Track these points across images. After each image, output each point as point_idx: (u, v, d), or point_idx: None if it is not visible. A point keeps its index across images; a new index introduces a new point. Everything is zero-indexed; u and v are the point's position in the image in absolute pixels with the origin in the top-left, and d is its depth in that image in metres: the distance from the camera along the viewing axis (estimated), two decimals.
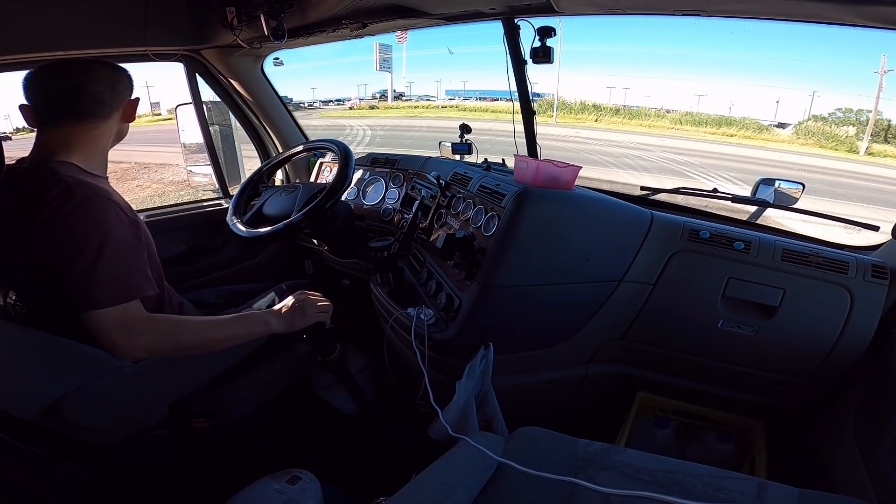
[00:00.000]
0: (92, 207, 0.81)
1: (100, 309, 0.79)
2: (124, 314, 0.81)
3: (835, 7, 0.90)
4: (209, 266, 1.81)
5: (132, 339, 0.81)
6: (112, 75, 0.93)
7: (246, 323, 0.94)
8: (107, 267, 0.80)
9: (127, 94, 0.96)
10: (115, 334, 0.80)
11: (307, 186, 1.41)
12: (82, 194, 0.81)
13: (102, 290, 0.79)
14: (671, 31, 44.70)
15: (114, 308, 0.80)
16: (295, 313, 0.98)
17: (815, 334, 1.02)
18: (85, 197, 0.81)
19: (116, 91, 0.93)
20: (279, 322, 0.96)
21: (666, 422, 1.15)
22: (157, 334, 0.85)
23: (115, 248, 0.81)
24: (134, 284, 0.83)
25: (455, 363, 1.05)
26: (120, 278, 0.81)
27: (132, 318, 0.82)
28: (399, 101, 26.22)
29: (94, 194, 0.82)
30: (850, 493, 0.83)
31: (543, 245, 1.04)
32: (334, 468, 1.12)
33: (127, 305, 0.81)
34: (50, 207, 0.79)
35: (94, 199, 0.82)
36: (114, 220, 0.83)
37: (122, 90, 0.95)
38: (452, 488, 0.71)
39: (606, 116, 20.37)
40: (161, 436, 0.98)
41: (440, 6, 1.27)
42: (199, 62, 1.75)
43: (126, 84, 0.96)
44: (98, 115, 0.91)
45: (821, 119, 18.37)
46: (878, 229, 1.14)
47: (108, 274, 0.80)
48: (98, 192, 0.83)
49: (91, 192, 0.82)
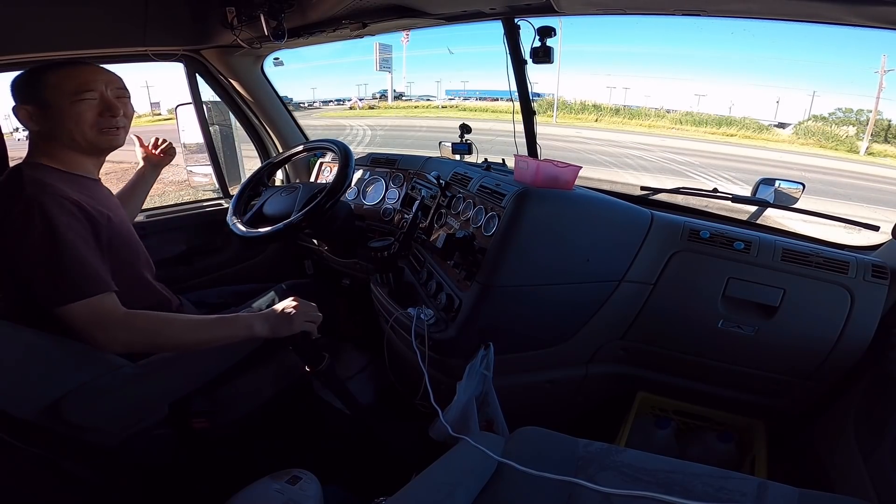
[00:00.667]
0: (40, 205, 0.81)
1: (68, 305, 0.80)
2: (94, 309, 0.82)
3: (835, 7, 0.90)
4: (209, 266, 1.81)
5: (107, 334, 0.83)
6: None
7: (227, 325, 0.93)
8: (60, 264, 0.81)
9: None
10: (88, 329, 0.81)
11: (307, 186, 1.41)
12: (31, 193, 0.82)
13: (61, 288, 0.80)
14: (671, 31, 44.76)
15: (80, 303, 0.81)
16: (282, 320, 0.94)
17: (815, 334, 1.02)
18: (31, 196, 0.82)
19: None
20: (263, 327, 0.93)
21: (666, 422, 1.15)
22: (134, 331, 0.85)
23: (65, 246, 0.82)
24: (93, 280, 0.83)
25: (455, 363, 1.05)
26: (76, 274, 0.82)
27: (105, 314, 0.83)
28: (399, 101, 26.24)
29: (35, 194, 0.83)
30: (850, 493, 0.83)
31: (543, 245, 1.04)
32: (334, 468, 1.12)
33: (93, 300, 0.82)
34: (3, 207, 0.82)
35: (42, 197, 0.82)
36: (63, 218, 0.83)
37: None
38: (452, 488, 0.71)
39: (606, 116, 20.38)
40: (161, 436, 0.98)
41: (440, 6, 1.27)
42: (199, 62, 1.75)
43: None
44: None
45: (821, 119, 18.39)
46: (878, 229, 1.14)
47: (65, 271, 0.81)
48: (46, 191, 0.84)
49: (38, 192, 0.83)
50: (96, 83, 0.93)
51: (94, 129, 0.93)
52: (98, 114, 0.93)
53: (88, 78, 0.92)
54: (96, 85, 0.93)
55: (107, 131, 0.95)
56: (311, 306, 0.98)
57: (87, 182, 0.97)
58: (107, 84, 0.94)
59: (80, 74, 0.92)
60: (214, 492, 0.92)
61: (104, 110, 0.94)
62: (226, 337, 0.93)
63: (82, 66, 0.94)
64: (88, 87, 0.91)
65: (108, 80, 0.95)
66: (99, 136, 0.94)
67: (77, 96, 0.90)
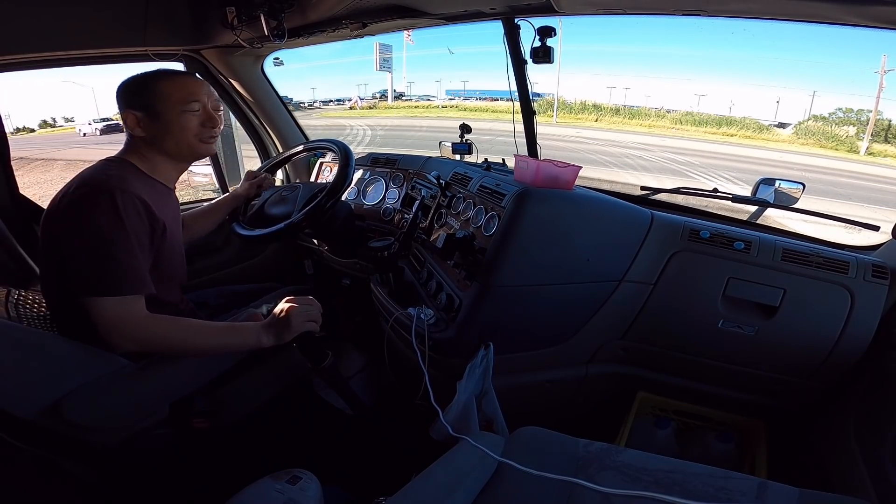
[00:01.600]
0: (112, 196, 0.84)
1: (101, 297, 0.82)
2: (123, 308, 0.84)
3: (835, 7, 0.90)
4: (209, 266, 1.80)
5: (125, 333, 0.84)
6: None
7: (238, 334, 0.95)
8: (112, 257, 0.83)
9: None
10: (109, 326, 0.83)
11: (307, 186, 1.41)
12: (109, 183, 0.85)
13: (104, 280, 0.82)
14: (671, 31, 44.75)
15: (112, 299, 0.83)
16: (283, 327, 0.95)
17: (815, 334, 1.02)
18: (99, 191, 0.85)
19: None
20: (269, 338, 0.94)
21: (666, 422, 1.15)
22: (150, 334, 0.87)
23: (124, 242, 0.84)
24: (134, 279, 0.85)
25: (455, 363, 1.05)
26: (122, 271, 0.84)
27: (130, 314, 0.84)
28: (399, 100, 26.25)
29: (114, 188, 0.85)
30: (850, 493, 0.83)
31: (543, 245, 1.04)
32: (334, 468, 1.12)
33: (126, 299, 0.84)
34: (74, 195, 0.85)
35: (112, 192, 0.85)
36: (130, 213, 0.86)
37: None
38: (452, 488, 0.71)
39: (606, 116, 20.39)
40: (161, 435, 0.97)
41: (440, 6, 1.27)
42: (199, 62, 1.75)
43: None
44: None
45: (821, 119, 18.40)
46: (878, 229, 1.14)
47: (111, 264, 0.83)
48: (119, 186, 0.86)
49: (113, 187, 0.85)
50: (201, 95, 0.98)
51: (196, 138, 0.98)
52: (201, 124, 0.98)
53: (195, 89, 0.97)
54: (201, 97, 0.98)
55: (206, 140, 1.00)
56: (309, 303, 0.98)
57: (162, 189, 1.01)
58: (208, 96, 0.99)
59: (189, 85, 0.97)
60: (214, 492, 0.92)
61: (206, 121, 0.99)
62: (236, 345, 0.95)
63: (190, 77, 1.00)
64: (195, 98, 0.96)
65: (209, 93, 1.00)
66: (199, 145, 1.00)
67: (185, 106, 0.95)
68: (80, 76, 32.14)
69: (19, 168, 1.38)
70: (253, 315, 1.06)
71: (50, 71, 1.90)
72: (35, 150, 12.97)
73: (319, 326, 0.99)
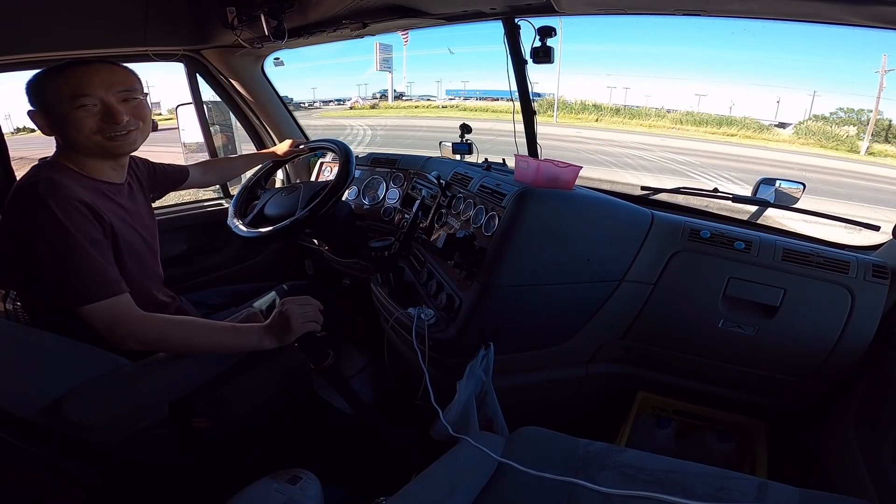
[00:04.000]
0: (49, 206, 0.79)
1: (81, 307, 0.81)
2: (110, 311, 0.83)
3: (835, 7, 0.90)
4: (209, 266, 1.81)
5: (123, 333, 0.83)
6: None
7: (239, 335, 0.93)
8: (70, 266, 0.80)
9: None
10: (105, 328, 0.82)
11: (308, 185, 1.41)
12: (42, 192, 0.80)
13: (74, 289, 0.81)
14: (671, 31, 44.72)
15: (94, 305, 0.81)
16: (284, 329, 0.93)
17: (815, 334, 1.02)
18: (44, 195, 0.80)
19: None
20: (271, 341, 0.93)
21: (666, 421, 1.15)
22: (150, 332, 0.86)
23: (77, 248, 0.80)
24: (103, 283, 0.83)
25: (456, 363, 1.05)
26: (88, 277, 0.81)
27: (121, 315, 0.84)
28: (399, 100, 26.24)
29: (43, 194, 0.80)
30: (851, 493, 0.83)
31: (544, 245, 1.04)
32: (334, 468, 1.12)
33: (109, 303, 0.82)
34: (16, 209, 0.82)
35: (45, 199, 0.80)
36: (74, 219, 0.81)
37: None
38: (453, 488, 0.71)
39: (607, 116, 20.37)
40: (161, 435, 0.97)
41: (440, 6, 1.27)
42: (199, 62, 1.75)
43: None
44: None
45: (821, 119, 18.37)
46: (878, 229, 1.14)
47: (75, 274, 0.80)
48: (48, 191, 0.81)
49: (41, 193, 0.80)
50: (93, 87, 0.85)
51: (98, 135, 0.87)
52: (100, 120, 0.87)
53: (84, 82, 0.85)
54: (93, 89, 0.85)
55: (114, 138, 0.89)
56: (309, 302, 0.96)
57: (108, 188, 0.95)
58: (107, 87, 0.87)
59: (76, 78, 0.85)
60: (214, 492, 0.92)
61: (105, 116, 0.87)
62: (237, 346, 0.94)
63: (81, 67, 0.86)
64: (84, 92, 0.85)
65: (110, 83, 0.88)
66: (107, 143, 0.89)
67: (75, 102, 0.84)
68: None
69: (19, 168, 1.38)
70: (252, 315, 1.05)
71: None
72: (35, 150, 12.97)
73: (321, 326, 0.99)
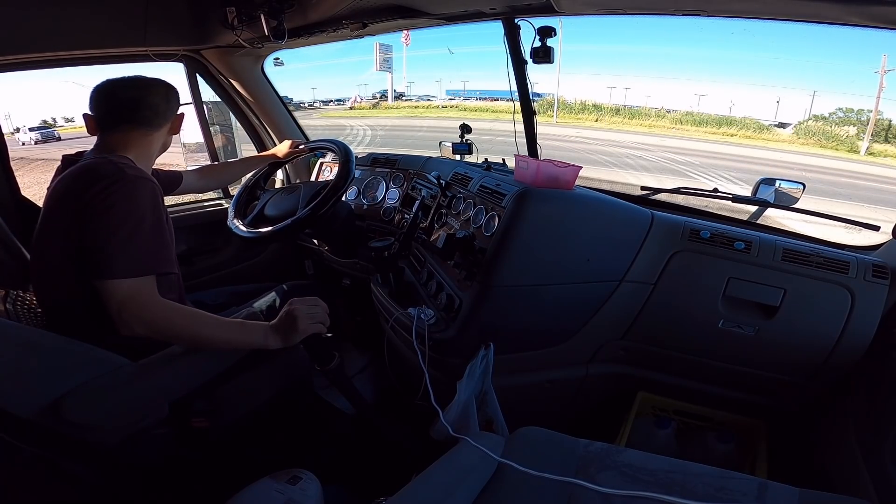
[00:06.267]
0: (138, 187, 0.90)
1: (120, 279, 0.84)
2: (139, 288, 0.85)
3: (835, 7, 0.90)
4: (209, 266, 1.81)
5: (136, 314, 0.84)
6: (167, 91, 1.04)
7: (245, 331, 0.94)
8: (141, 239, 0.87)
9: (176, 108, 1.07)
10: (124, 305, 0.84)
11: (308, 185, 1.41)
12: (132, 175, 0.90)
13: (129, 261, 0.84)
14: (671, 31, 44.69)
15: (131, 280, 0.84)
16: (289, 330, 0.94)
17: (815, 334, 1.02)
18: (134, 178, 0.90)
19: (170, 105, 1.04)
20: (276, 340, 0.94)
21: (666, 422, 1.15)
22: (161, 317, 0.87)
23: (152, 226, 0.89)
24: (159, 259, 0.90)
25: (455, 363, 1.05)
26: (150, 252, 0.88)
27: (144, 294, 0.86)
28: (399, 101, 26.24)
29: (142, 176, 0.92)
30: (851, 493, 0.83)
31: (544, 245, 1.04)
32: (334, 468, 1.12)
33: (143, 280, 0.86)
34: (102, 183, 0.87)
35: (141, 181, 0.91)
36: (155, 202, 0.92)
37: (174, 104, 1.06)
38: (453, 488, 0.71)
39: (607, 116, 20.37)
40: (161, 435, 0.97)
41: (440, 6, 1.27)
42: (199, 62, 1.75)
43: (177, 99, 1.06)
44: (153, 124, 1.02)
45: (821, 119, 18.36)
46: (878, 229, 1.14)
47: (140, 246, 0.86)
48: (145, 175, 0.93)
49: (140, 175, 0.92)
50: None
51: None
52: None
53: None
54: None
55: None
56: (317, 303, 0.97)
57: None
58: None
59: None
60: (214, 492, 0.92)
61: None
62: (242, 342, 0.95)
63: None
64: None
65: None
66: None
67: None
68: (80, 76, 32.12)
69: (19, 168, 1.38)
70: (252, 315, 1.05)
71: (50, 71, 1.90)
72: (35, 150, 12.99)
73: (327, 328, 0.98)
